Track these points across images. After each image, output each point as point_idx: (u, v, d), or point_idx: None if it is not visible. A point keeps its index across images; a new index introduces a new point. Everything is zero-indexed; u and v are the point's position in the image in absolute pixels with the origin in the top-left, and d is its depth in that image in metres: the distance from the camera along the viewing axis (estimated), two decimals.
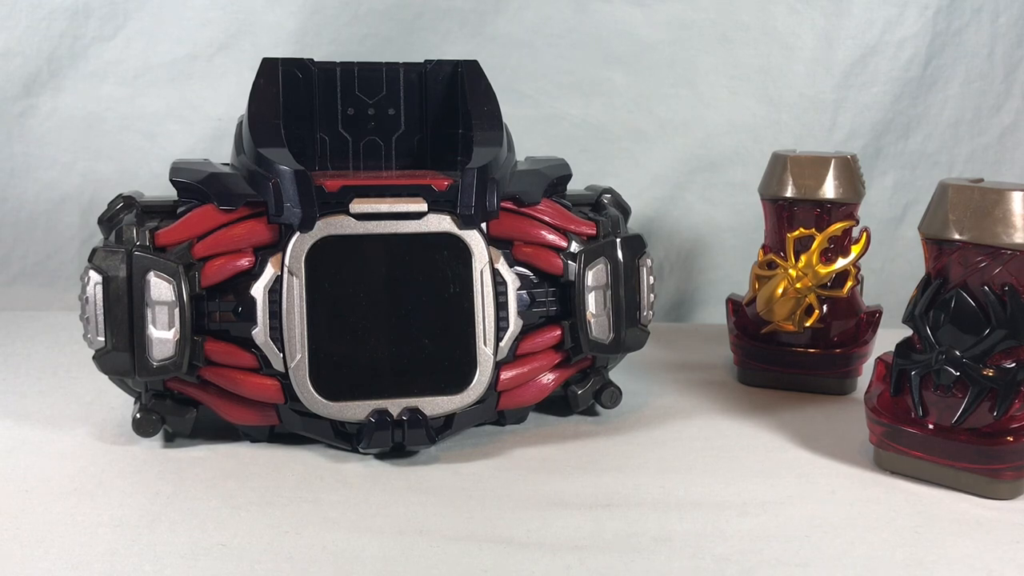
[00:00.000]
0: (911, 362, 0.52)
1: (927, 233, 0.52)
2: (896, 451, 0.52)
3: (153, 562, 0.42)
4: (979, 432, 0.50)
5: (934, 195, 0.52)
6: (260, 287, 0.53)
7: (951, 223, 0.50)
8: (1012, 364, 0.50)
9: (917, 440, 0.51)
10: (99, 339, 0.52)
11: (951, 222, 0.50)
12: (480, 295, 0.55)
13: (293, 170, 0.53)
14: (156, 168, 0.85)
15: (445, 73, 0.63)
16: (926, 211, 0.52)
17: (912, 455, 0.52)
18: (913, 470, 0.52)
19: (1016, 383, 0.49)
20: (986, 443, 0.49)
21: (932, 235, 0.51)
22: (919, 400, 0.52)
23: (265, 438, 0.56)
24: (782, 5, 0.87)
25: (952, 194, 0.51)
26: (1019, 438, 0.49)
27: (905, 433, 0.52)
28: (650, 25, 0.87)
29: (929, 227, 0.52)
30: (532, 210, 0.58)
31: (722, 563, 0.43)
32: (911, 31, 0.86)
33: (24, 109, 0.86)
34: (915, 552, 0.44)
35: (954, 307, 0.51)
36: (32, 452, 0.55)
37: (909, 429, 0.52)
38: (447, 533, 0.46)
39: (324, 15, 0.85)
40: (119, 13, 0.85)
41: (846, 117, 0.87)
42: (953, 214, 0.50)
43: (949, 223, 0.50)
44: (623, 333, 0.58)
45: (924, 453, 0.51)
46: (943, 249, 0.51)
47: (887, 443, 0.53)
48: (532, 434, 0.59)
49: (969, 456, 0.50)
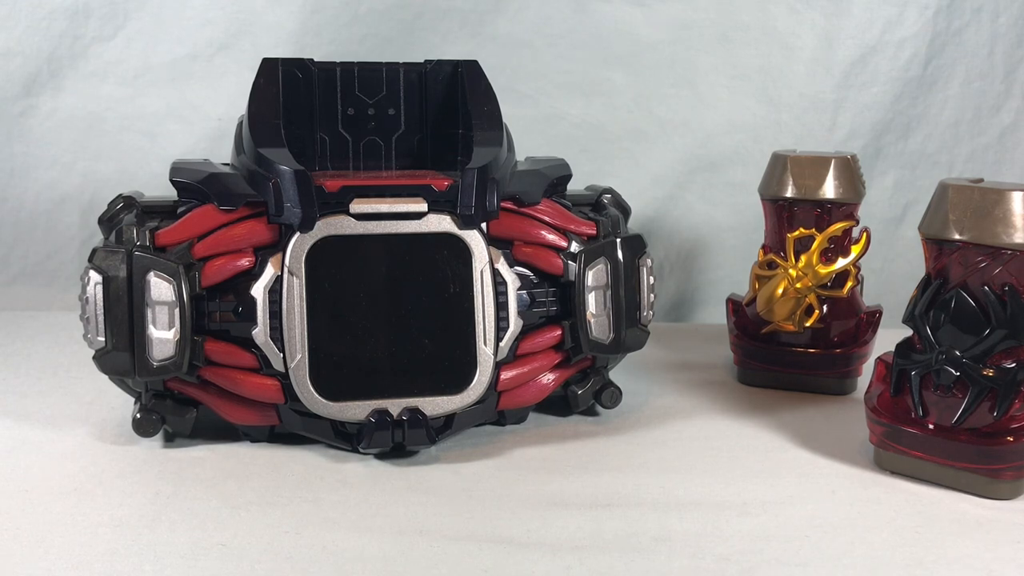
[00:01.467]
0: (911, 362, 0.52)
1: (927, 233, 0.52)
2: (896, 451, 0.52)
3: (153, 562, 0.42)
4: (979, 432, 0.50)
5: (934, 195, 0.52)
6: (260, 287, 0.53)
7: (951, 223, 0.50)
8: (1012, 364, 0.50)
9: (917, 440, 0.51)
10: (99, 339, 0.52)
11: (951, 222, 0.50)
12: (480, 295, 0.55)
13: (293, 170, 0.53)
14: (156, 168, 0.85)
15: (445, 73, 0.63)
16: (926, 211, 0.52)
17: (912, 455, 0.52)
18: (913, 470, 0.52)
19: (1016, 383, 0.49)
20: (986, 443, 0.49)
21: (932, 235, 0.51)
22: (919, 400, 0.52)
23: (265, 438, 0.56)
24: (782, 5, 0.87)
25: (952, 194, 0.51)
26: (1019, 438, 0.49)
27: (905, 433, 0.52)
28: (650, 25, 0.87)
29: (929, 227, 0.52)
30: (532, 210, 0.58)
31: (722, 563, 0.43)
32: (911, 31, 0.86)
33: (24, 109, 0.86)
34: (915, 552, 0.44)
35: (954, 307, 0.51)
36: (32, 452, 0.55)
37: (909, 429, 0.52)
38: (447, 533, 0.46)
39: (324, 15, 0.85)
40: (119, 13, 0.85)
41: (846, 117, 0.87)
42: (953, 214, 0.50)
43: (949, 223, 0.50)
44: (623, 333, 0.58)
45: (924, 453, 0.51)
46: (943, 249, 0.51)
47: (887, 443, 0.53)
48: (532, 434, 0.59)
49: (969, 456, 0.50)
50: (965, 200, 0.50)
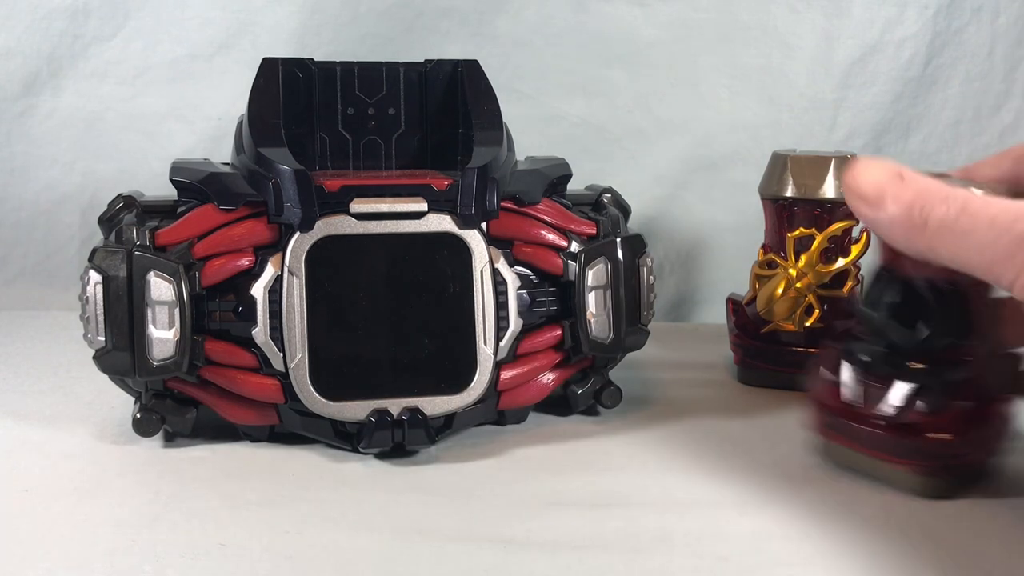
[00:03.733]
0: (851, 352, 0.51)
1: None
2: (839, 442, 0.51)
3: (153, 562, 0.42)
4: (913, 427, 0.48)
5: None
6: (260, 287, 0.53)
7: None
8: (948, 362, 0.49)
9: (855, 432, 0.50)
10: (99, 339, 0.52)
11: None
12: (480, 295, 0.55)
13: (293, 170, 0.53)
14: (156, 168, 0.85)
15: (445, 73, 0.63)
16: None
17: (852, 448, 0.51)
18: (854, 462, 0.51)
19: (947, 381, 0.48)
20: (912, 438, 0.48)
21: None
22: (857, 392, 0.51)
23: (265, 438, 0.56)
24: (782, 5, 0.87)
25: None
26: (956, 434, 0.48)
27: (845, 425, 0.51)
28: (650, 25, 0.87)
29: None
30: (532, 210, 0.58)
31: (722, 563, 0.43)
32: (911, 31, 0.86)
33: (24, 109, 0.86)
34: (915, 552, 0.44)
35: (897, 299, 0.49)
36: (32, 452, 0.55)
37: (848, 421, 0.50)
38: (447, 533, 0.46)
39: (324, 15, 0.85)
40: (119, 13, 0.85)
41: (846, 117, 0.87)
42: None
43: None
44: (623, 333, 0.58)
45: (862, 446, 0.50)
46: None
47: (830, 433, 0.52)
48: (532, 434, 0.59)
49: (904, 451, 0.49)
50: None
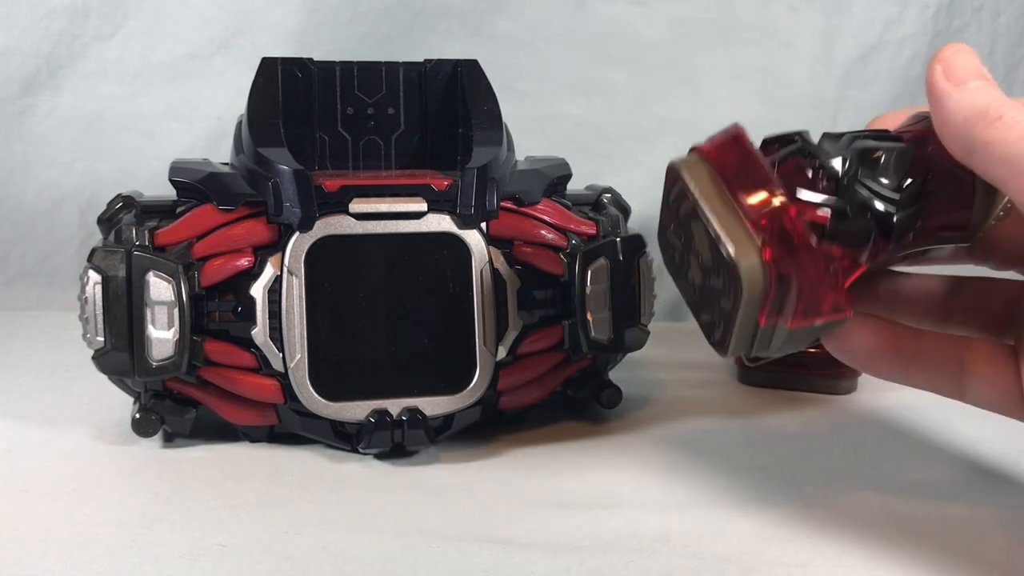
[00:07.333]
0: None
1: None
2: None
3: (153, 562, 0.42)
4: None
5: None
6: (260, 287, 0.53)
7: None
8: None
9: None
10: (98, 339, 0.52)
11: None
12: (480, 295, 0.55)
13: (292, 170, 0.53)
14: (156, 168, 0.85)
15: (445, 72, 0.63)
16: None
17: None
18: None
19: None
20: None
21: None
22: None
23: (265, 438, 0.56)
24: (782, 4, 0.87)
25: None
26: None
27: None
28: (650, 25, 0.87)
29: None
30: (532, 210, 0.58)
31: (722, 563, 0.43)
32: (911, 30, 0.86)
33: (23, 108, 0.86)
34: (916, 552, 0.44)
35: (902, 174, 0.41)
36: (32, 452, 0.55)
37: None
38: (447, 533, 0.46)
39: (324, 14, 0.85)
40: (118, 12, 0.85)
41: (846, 116, 0.87)
42: None
43: None
44: (623, 333, 0.58)
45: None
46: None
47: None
48: (532, 434, 0.59)
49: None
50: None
